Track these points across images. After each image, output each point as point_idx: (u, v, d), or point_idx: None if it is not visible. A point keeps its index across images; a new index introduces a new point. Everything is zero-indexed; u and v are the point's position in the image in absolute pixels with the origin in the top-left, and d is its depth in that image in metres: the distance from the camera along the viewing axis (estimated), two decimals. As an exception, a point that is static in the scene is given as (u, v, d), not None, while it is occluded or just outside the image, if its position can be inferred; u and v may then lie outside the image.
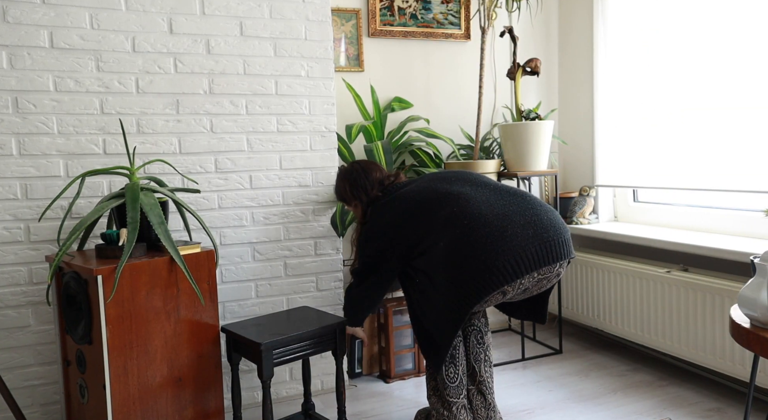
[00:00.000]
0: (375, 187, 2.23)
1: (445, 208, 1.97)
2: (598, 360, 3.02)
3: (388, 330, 2.84)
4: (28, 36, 2.18)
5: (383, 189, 2.22)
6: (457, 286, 1.88)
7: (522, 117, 2.98)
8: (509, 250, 1.85)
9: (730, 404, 2.45)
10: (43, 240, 2.25)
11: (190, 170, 2.45)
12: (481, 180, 2.11)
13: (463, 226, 1.90)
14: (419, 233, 2.01)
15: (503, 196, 2.00)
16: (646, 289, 2.80)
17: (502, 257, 1.84)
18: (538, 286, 2.01)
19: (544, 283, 2.01)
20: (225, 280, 2.53)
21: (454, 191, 2.02)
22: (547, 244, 1.90)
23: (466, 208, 1.94)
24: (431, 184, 2.11)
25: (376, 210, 2.18)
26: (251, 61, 2.51)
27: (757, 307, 1.48)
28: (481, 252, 1.85)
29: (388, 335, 2.84)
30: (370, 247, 2.14)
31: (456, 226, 1.91)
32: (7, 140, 2.18)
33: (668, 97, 2.88)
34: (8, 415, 2.21)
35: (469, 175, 2.15)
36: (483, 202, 1.96)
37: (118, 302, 1.85)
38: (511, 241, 1.86)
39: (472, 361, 2.18)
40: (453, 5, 3.33)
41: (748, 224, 2.62)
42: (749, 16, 2.47)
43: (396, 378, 2.85)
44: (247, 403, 2.58)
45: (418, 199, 2.07)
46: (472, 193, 2.00)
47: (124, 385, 1.88)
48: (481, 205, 1.95)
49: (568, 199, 3.45)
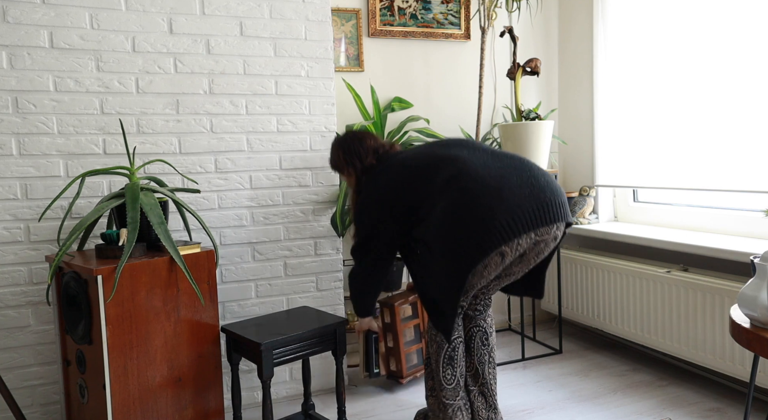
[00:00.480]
0: (369, 155, 2.18)
1: (443, 172, 1.95)
2: (598, 360, 3.02)
3: (396, 328, 2.71)
4: (28, 36, 2.18)
5: (378, 157, 2.18)
6: (456, 249, 1.86)
7: (522, 117, 2.98)
8: (506, 210, 1.83)
9: (730, 404, 2.45)
10: (43, 240, 2.25)
11: (190, 170, 2.45)
12: (477, 145, 2.10)
13: (461, 188, 1.88)
14: (418, 198, 1.98)
15: (500, 159, 1.98)
16: (646, 289, 2.80)
17: (499, 217, 1.83)
18: (535, 252, 1.98)
19: (542, 248, 1.98)
20: (225, 280, 2.53)
21: (452, 155, 2.00)
22: (544, 204, 1.88)
23: (463, 170, 1.92)
24: (428, 150, 2.09)
25: (371, 178, 2.13)
26: (251, 61, 2.51)
27: (757, 307, 1.48)
28: (478, 213, 1.84)
29: (397, 333, 2.71)
30: (367, 216, 2.10)
31: (453, 189, 1.90)
32: (7, 140, 2.18)
33: (668, 97, 2.88)
34: (8, 415, 2.21)
35: (465, 141, 2.13)
36: (480, 165, 1.94)
37: (118, 302, 1.85)
38: (507, 202, 1.85)
39: (476, 362, 2.17)
40: (453, 5, 3.33)
41: (748, 224, 2.62)
42: (750, 15, 2.47)
43: (409, 376, 2.75)
44: (247, 403, 2.58)
45: (416, 164, 2.04)
46: (470, 157, 1.98)
47: (124, 385, 1.88)
48: (479, 168, 1.93)
49: (568, 199, 3.45)
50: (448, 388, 2.09)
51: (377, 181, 2.11)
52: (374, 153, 2.20)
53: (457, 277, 1.87)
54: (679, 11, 2.79)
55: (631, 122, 3.11)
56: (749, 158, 2.50)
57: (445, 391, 2.09)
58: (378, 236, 2.09)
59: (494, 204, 1.84)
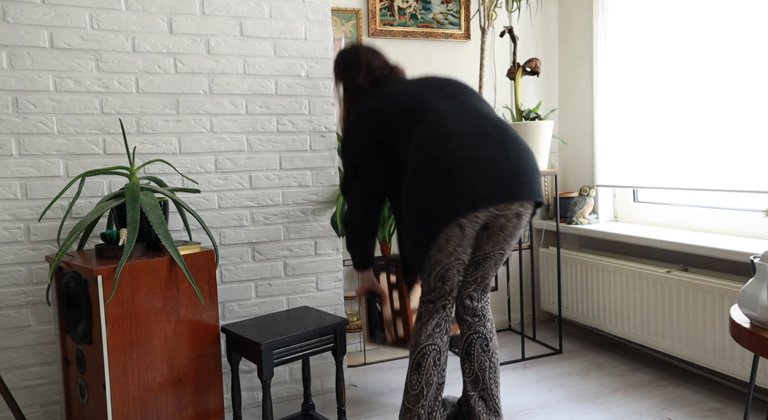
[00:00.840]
0: (362, 73, 2.13)
1: (422, 126, 1.92)
2: (598, 360, 3.02)
3: (402, 288, 2.41)
4: (28, 36, 2.18)
5: (372, 81, 2.13)
6: (418, 220, 1.88)
7: (522, 117, 2.98)
8: (466, 183, 1.81)
9: (730, 404, 2.45)
10: (43, 240, 2.25)
11: (190, 170, 2.45)
12: (466, 100, 2.01)
13: (428, 154, 1.86)
14: (396, 137, 1.98)
15: (481, 125, 1.91)
16: (646, 289, 2.80)
17: (459, 189, 1.81)
18: (498, 227, 1.95)
19: (503, 222, 1.94)
20: (225, 280, 2.53)
21: (437, 110, 1.94)
22: (508, 181, 1.85)
23: (438, 134, 1.88)
24: (419, 92, 2.01)
25: (359, 107, 2.09)
26: (251, 61, 2.51)
27: (757, 307, 1.48)
28: (439, 184, 1.83)
29: (403, 294, 2.42)
30: (353, 148, 2.07)
31: (423, 152, 1.88)
32: (7, 140, 2.18)
33: (668, 97, 2.88)
34: (8, 415, 2.21)
35: (457, 91, 2.03)
36: (455, 132, 1.88)
37: (118, 302, 1.85)
38: (469, 175, 1.82)
39: (477, 369, 2.10)
40: (453, 5, 3.34)
41: (748, 224, 2.62)
42: (750, 15, 2.47)
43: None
44: (247, 403, 2.58)
45: (402, 106, 1.99)
46: (452, 116, 1.92)
47: (124, 385, 1.88)
48: (452, 135, 1.87)
49: (568, 199, 3.45)
50: (412, 393, 2.02)
51: (363, 108, 2.06)
52: (368, 73, 2.13)
53: (420, 248, 1.90)
54: (679, 11, 2.79)
55: (631, 122, 3.11)
56: (749, 158, 2.50)
57: (408, 395, 2.03)
58: (360, 177, 2.06)
59: (456, 177, 1.82)
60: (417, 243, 1.92)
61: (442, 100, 1.98)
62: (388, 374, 2.93)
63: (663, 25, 2.88)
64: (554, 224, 3.41)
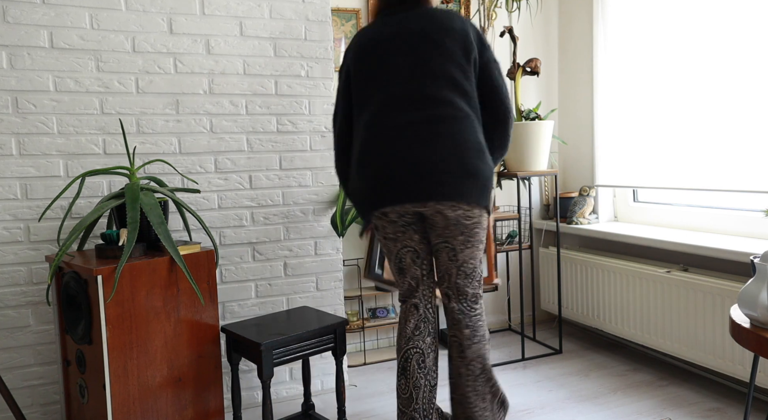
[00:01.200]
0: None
1: (371, 104, 1.92)
2: (598, 360, 3.02)
3: None
4: (28, 36, 2.18)
5: (379, 10, 2.03)
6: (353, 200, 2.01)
7: (522, 117, 2.98)
8: (374, 179, 1.89)
9: (730, 404, 2.45)
10: (43, 240, 2.25)
11: (190, 170, 2.46)
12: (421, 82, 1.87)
13: (362, 143, 1.92)
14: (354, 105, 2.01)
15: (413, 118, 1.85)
16: (646, 289, 2.80)
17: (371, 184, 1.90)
18: (431, 224, 1.94)
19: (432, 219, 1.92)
20: (225, 280, 2.53)
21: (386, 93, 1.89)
22: (403, 181, 1.84)
23: (375, 123, 1.90)
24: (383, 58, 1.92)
25: (356, 36, 2.04)
26: (251, 61, 2.51)
27: (757, 307, 1.48)
28: (362, 174, 1.92)
29: None
30: (340, 75, 2.06)
31: (360, 139, 1.94)
32: (7, 140, 2.18)
33: (668, 97, 2.88)
34: (8, 415, 2.21)
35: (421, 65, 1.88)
36: (390, 124, 1.87)
37: (118, 302, 1.85)
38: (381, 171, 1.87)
39: (455, 374, 2.00)
40: (453, 5, 3.33)
41: (748, 224, 2.62)
42: (751, 15, 2.47)
43: None
44: (247, 403, 2.58)
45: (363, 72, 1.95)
46: (392, 105, 1.88)
47: (124, 385, 1.88)
48: (386, 127, 1.87)
49: (568, 199, 3.45)
50: (403, 396, 2.01)
51: (352, 42, 2.04)
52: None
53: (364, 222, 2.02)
54: (679, 11, 2.79)
55: (631, 122, 3.11)
56: (749, 158, 2.50)
57: (400, 399, 2.02)
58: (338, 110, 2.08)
59: (373, 172, 1.88)
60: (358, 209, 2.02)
61: (392, 84, 1.89)
62: (388, 374, 2.93)
63: (663, 25, 2.88)
64: (554, 224, 3.41)
